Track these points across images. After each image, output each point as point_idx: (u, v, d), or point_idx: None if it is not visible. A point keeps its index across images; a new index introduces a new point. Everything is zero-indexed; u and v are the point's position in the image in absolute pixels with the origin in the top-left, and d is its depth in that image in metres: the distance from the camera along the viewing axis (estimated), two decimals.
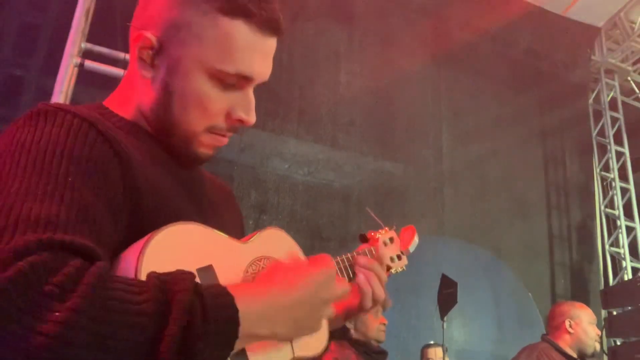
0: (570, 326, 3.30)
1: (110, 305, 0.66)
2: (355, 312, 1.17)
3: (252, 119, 1.00)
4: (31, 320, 0.62)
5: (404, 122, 6.04)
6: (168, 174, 0.98)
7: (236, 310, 0.74)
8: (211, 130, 0.99)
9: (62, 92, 3.35)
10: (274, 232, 1.09)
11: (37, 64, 4.47)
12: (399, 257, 1.33)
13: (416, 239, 1.37)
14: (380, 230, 1.35)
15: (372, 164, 5.81)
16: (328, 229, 5.17)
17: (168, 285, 0.71)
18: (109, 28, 3.65)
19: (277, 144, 5.36)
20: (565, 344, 3.30)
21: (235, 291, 0.77)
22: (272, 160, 5.34)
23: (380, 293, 1.15)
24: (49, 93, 3.38)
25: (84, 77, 3.58)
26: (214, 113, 0.97)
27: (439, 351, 4.34)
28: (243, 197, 4.96)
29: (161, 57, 0.95)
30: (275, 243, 1.07)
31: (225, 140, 1.02)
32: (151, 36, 0.95)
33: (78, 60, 3.48)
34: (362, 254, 1.22)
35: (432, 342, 4.59)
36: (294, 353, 0.97)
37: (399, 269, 1.33)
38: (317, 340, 1.04)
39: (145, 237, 0.82)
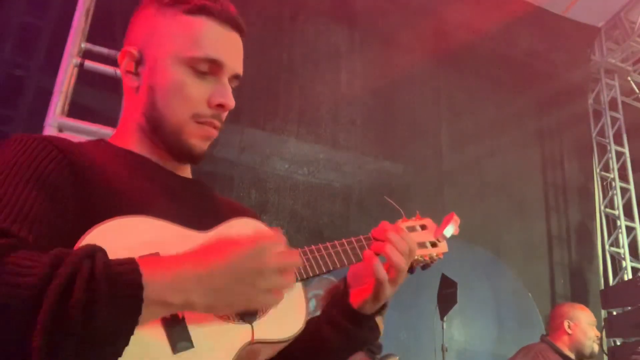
0: (569, 327, 3.31)
1: (5, 268, 0.72)
2: (379, 287, 1.12)
3: (230, 102, 1.08)
4: None
5: (404, 122, 6.04)
6: (156, 185, 1.06)
7: (139, 274, 0.75)
8: (196, 119, 1.07)
9: (62, 92, 3.34)
10: (243, 220, 1.05)
11: (37, 64, 4.47)
12: (433, 244, 1.26)
13: (455, 221, 1.28)
14: (405, 218, 1.30)
15: (372, 164, 5.81)
16: (329, 229, 5.17)
17: (66, 254, 0.75)
18: (109, 28, 3.65)
19: (277, 144, 5.36)
20: (564, 344, 3.30)
21: (144, 259, 0.79)
22: (272, 160, 5.34)
23: (398, 260, 1.11)
24: (49, 93, 3.38)
25: (84, 77, 3.57)
26: (194, 100, 1.06)
27: None
28: (243, 197, 4.96)
29: (143, 64, 1.09)
30: (240, 230, 1.01)
31: (214, 132, 1.10)
32: (132, 49, 1.10)
33: (78, 60, 3.47)
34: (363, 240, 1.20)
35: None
36: (253, 335, 0.92)
37: (434, 256, 1.25)
38: (286, 324, 0.99)
39: (88, 230, 0.85)
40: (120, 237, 0.86)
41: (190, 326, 0.85)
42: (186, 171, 1.19)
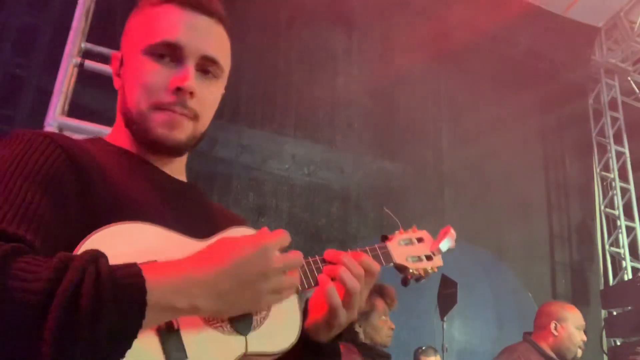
0: (556, 329, 3.20)
1: (12, 273, 0.71)
2: (332, 314, 1.05)
3: (189, 84, 1.02)
4: None
5: (404, 122, 6.04)
6: (152, 187, 1.05)
7: (142, 279, 0.75)
8: (158, 107, 1.03)
9: (62, 92, 3.34)
10: (240, 230, 1.04)
11: (37, 64, 4.47)
12: (428, 257, 1.26)
13: (451, 235, 1.28)
14: (402, 230, 1.29)
15: (371, 165, 5.81)
16: (327, 231, 5.17)
17: (71, 259, 0.75)
18: (109, 28, 3.65)
19: (275, 147, 5.36)
20: (548, 345, 3.20)
21: (148, 265, 0.79)
22: (270, 163, 5.34)
23: (352, 284, 1.04)
24: (49, 93, 3.37)
25: (84, 77, 3.57)
26: (153, 87, 1.03)
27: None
28: (241, 200, 4.96)
29: (123, 65, 1.11)
30: None
31: (177, 117, 1.04)
32: (118, 53, 1.12)
33: (78, 60, 3.47)
34: (364, 251, 1.16)
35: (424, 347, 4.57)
36: (247, 348, 0.91)
37: (429, 270, 1.25)
38: (280, 337, 0.97)
39: (88, 235, 0.85)
40: (118, 244, 0.85)
41: (185, 337, 0.85)
42: (181, 172, 1.17)
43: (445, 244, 1.28)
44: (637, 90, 7.33)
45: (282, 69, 5.45)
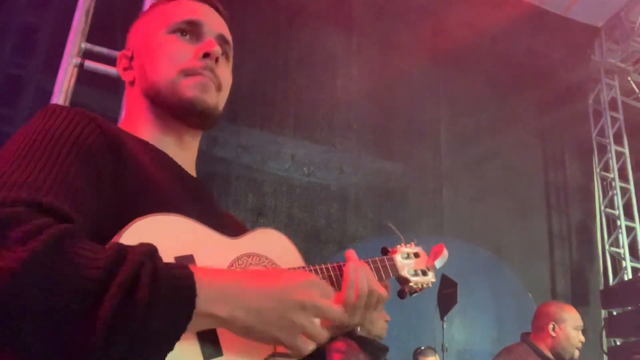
0: (554, 330, 3.21)
1: (66, 256, 0.69)
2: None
3: (214, 49, 1.09)
4: None
5: (403, 123, 6.05)
6: (174, 178, 1.06)
7: (193, 282, 0.75)
8: (187, 72, 1.08)
9: (62, 92, 3.34)
10: (269, 231, 1.08)
11: (37, 64, 4.47)
12: (424, 273, 1.32)
13: (445, 255, 1.35)
14: (402, 244, 1.34)
15: (370, 166, 5.81)
16: (326, 232, 5.16)
17: (125, 250, 0.74)
18: (109, 28, 3.65)
19: (274, 147, 5.36)
20: (546, 346, 3.22)
21: (197, 268, 0.79)
22: (269, 163, 5.34)
23: (362, 287, 1.04)
24: (49, 93, 3.37)
25: (84, 77, 3.57)
26: (179, 56, 1.09)
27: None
28: (240, 201, 4.96)
29: (134, 58, 1.15)
30: (268, 242, 1.05)
31: (207, 80, 1.09)
32: (126, 52, 1.17)
33: (78, 60, 3.47)
34: (373, 262, 1.21)
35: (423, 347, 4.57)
36: (275, 347, 0.92)
37: (425, 285, 1.31)
38: None
39: (129, 224, 0.85)
40: (159, 235, 0.85)
41: (220, 334, 0.87)
42: (192, 168, 1.18)
43: (439, 262, 1.35)
44: (637, 90, 7.33)
45: (281, 69, 5.46)
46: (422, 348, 4.55)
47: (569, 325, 3.22)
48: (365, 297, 1.04)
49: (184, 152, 1.14)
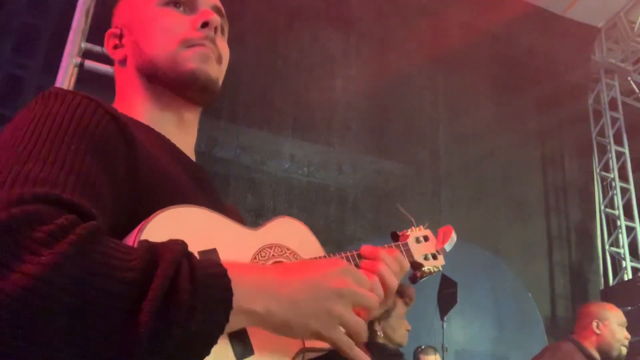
0: (598, 327, 3.23)
1: (97, 257, 0.64)
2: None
3: (212, 18, 1.05)
4: (14, 261, 0.60)
5: (401, 123, 6.05)
6: (178, 164, 1.01)
7: (228, 280, 0.72)
8: (187, 43, 1.04)
9: None
10: (288, 220, 1.06)
11: (37, 64, 4.47)
12: (434, 256, 1.28)
13: (453, 237, 1.32)
14: (412, 228, 1.32)
15: (369, 166, 5.81)
16: (324, 233, 5.15)
17: (157, 249, 0.70)
18: (109, 28, 3.66)
19: (274, 148, 5.36)
20: (591, 345, 3.22)
21: (228, 264, 0.75)
22: (268, 164, 5.34)
23: (392, 282, 1.03)
24: None
25: (84, 77, 3.57)
26: (177, 27, 1.04)
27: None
28: (239, 201, 4.95)
29: (125, 35, 1.10)
30: (288, 231, 1.03)
31: (208, 50, 1.05)
32: (113, 30, 1.13)
33: (78, 60, 3.47)
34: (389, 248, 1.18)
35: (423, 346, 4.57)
36: (304, 343, 0.91)
37: (435, 269, 1.28)
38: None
39: (149, 217, 0.81)
40: (180, 228, 0.83)
41: (250, 331, 0.85)
42: (192, 153, 1.14)
43: (449, 245, 1.31)
44: (637, 90, 7.33)
45: (280, 70, 5.46)
46: (423, 347, 4.55)
47: (613, 322, 3.25)
48: (396, 286, 1.03)
49: (184, 135, 1.09)
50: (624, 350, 3.24)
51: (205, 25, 1.04)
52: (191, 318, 0.66)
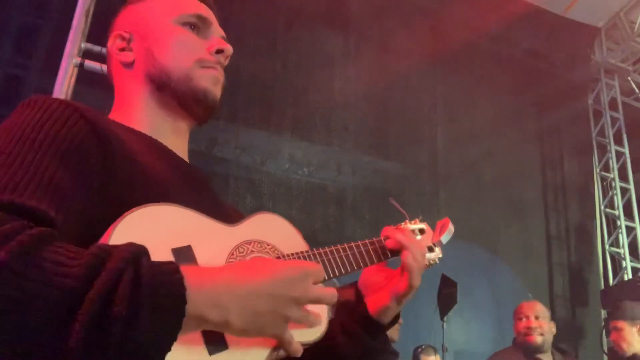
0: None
1: (38, 264, 0.64)
2: (404, 293, 1.10)
3: (228, 47, 1.12)
4: None
5: (400, 124, 6.05)
6: (171, 167, 1.03)
7: (183, 287, 0.70)
8: (203, 64, 1.09)
9: (62, 92, 3.34)
10: (268, 216, 1.04)
11: (37, 64, 4.47)
12: (430, 249, 1.27)
13: (450, 229, 1.30)
14: (407, 221, 1.32)
15: (367, 166, 5.82)
16: (323, 233, 5.15)
17: (107, 254, 0.69)
18: (109, 28, 3.66)
19: (273, 148, 5.37)
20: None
21: (188, 269, 0.74)
22: (268, 164, 5.34)
23: (420, 268, 1.11)
24: (49, 93, 3.38)
25: (84, 77, 3.57)
26: (195, 48, 1.10)
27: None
28: (238, 203, 4.95)
29: (135, 40, 1.12)
30: (269, 227, 1.01)
31: (219, 75, 1.12)
32: (122, 32, 1.14)
33: (78, 60, 3.47)
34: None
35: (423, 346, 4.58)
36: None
37: (432, 262, 1.27)
38: (310, 328, 0.96)
39: (119, 219, 0.81)
40: (152, 227, 0.83)
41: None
42: (186, 155, 1.15)
43: (446, 237, 1.31)
44: (637, 90, 7.33)
45: (280, 71, 5.46)
46: (423, 347, 4.55)
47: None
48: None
49: (177, 139, 1.11)
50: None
51: (219, 52, 1.11)
52: (133, 329, 0.65)
